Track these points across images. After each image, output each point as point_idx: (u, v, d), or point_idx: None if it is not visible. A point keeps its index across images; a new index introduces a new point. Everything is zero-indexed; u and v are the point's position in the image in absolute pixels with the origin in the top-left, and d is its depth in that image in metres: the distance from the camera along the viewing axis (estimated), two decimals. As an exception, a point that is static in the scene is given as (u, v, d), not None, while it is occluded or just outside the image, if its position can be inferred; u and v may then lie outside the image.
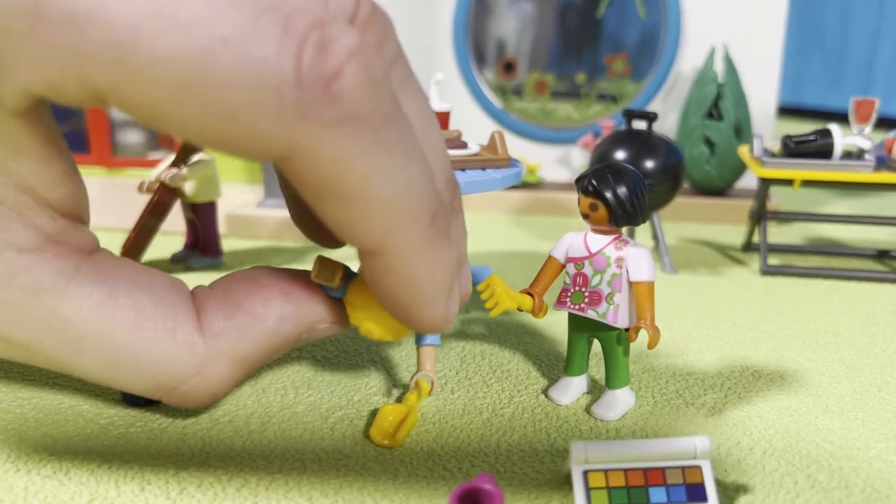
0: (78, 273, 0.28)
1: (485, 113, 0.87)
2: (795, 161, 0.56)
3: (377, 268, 0.26)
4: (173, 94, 0.22)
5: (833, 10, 1.91)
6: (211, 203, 0.57)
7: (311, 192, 0.24)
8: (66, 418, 0.34)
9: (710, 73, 0.77)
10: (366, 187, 0.24)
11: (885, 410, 0.36)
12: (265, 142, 0.23)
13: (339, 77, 0.22)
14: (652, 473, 0.28)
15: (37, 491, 0.28)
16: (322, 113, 0.22)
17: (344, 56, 0.22)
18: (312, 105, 0.22)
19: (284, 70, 0.22)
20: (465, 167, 0.46)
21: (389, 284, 0.27)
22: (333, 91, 0.22)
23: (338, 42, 0.22)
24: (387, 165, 0.24)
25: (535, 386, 0.38)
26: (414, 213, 0.25)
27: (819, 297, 0.53)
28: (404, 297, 0.28)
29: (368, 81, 0.23)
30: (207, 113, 0.22)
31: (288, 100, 0.22)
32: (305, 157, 0.23)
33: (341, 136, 0.23)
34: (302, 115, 0.22)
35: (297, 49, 0.22)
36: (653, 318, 0.32)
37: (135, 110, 0.23)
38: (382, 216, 0.25)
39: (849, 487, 0.30)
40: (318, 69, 0.22)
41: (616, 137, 0.57)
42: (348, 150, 0.23)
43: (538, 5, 0.87)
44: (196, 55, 0.21)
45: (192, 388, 0.30)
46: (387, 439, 0.32)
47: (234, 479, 0.29)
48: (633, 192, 0.33)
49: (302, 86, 0.22)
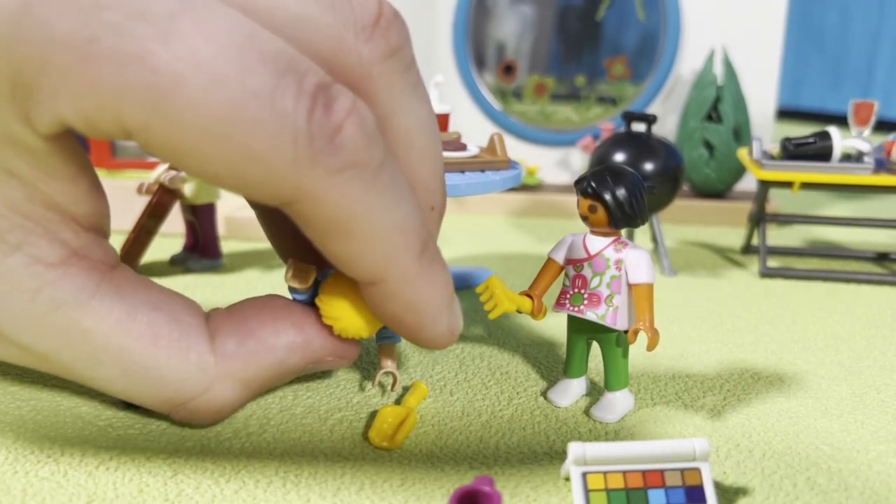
0: (99, 289, 0.29)
1: (484, 115, 0.87)
2: (794, 163, 0.56)
3: (380, 296, 0.29)
4: (202, 138, 0.24)
5: (833, 12, 1.91)
6: (210, 205, 0.57)
7: (316, 231, 0.27)
8: (64, 420, 0.34)
9: (709, 76, 0.77)
10: (366, 223, 0.27)
11: (884, 413, 0.36)
12: (278, 186, 0.25)
13: (341, 131, 0.25)
14: (651, 475, 0.28)
15: (35, 493, 0.28)
16: (328, 161, 0.25)
17: (344, 113, 0.25)
18: (320, 154, 0.25)
19: (299, 123, 0.24)
20: (464, 169, 0.46)
21: (394, 310, 0.29)
22: (336, 143, 0.25)
23: (339, 101, 0.25)
24: (384, 203, 0.27)
25: (534, 388, 0.38)
26: (408, 242, 0.28)
27: (818, 300, 0.53)
28: (409, 320, 0.30)
29: (364, 133, 0.26)
30: (231, 157, 0.24)
31: (302, 149, 0.24)
32: (313, 199, 0.26)
33: (344, 180, 0.25)
34: (312, 162, 0.25)
35: (309, 105, 0.24)
36: (652, 320, 0.32)
37: (160, 149, 0.25)
38: (382, 248, 0.27)
39: (848, 490, 0.30)
40: (325, 123, 0.25)
41: (615, 140, 0.57)
42: (350, 192, 0.26)
43: (538, 8, 0.87)
44: (229, 105, 0.23)
45: (200, 405, 0.31)
46: (385, 441, 0.32)
47: (232, 480, 0.29)
48: (632, 194, 0.33)
49: (312, 137, 0.25)
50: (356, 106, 0.26)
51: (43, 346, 0.29)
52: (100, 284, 0.29)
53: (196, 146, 0.24)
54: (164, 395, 0.31)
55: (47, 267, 0.28)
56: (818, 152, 0.56)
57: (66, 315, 0.28)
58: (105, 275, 0.29)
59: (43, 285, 0.28)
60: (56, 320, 0.28)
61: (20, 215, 0.27)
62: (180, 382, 0.30)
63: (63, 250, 0.28)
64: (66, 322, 0.28)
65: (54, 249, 0.28)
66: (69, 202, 0.28)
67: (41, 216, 0.27)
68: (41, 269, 0.27)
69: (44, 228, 0.27)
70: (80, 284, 0.28)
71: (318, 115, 0.25)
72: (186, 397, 0.31)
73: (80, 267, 0.28)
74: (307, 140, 0.24)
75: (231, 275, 0.57)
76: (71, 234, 0.28)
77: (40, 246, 0.27)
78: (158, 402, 0.31)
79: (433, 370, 0.40)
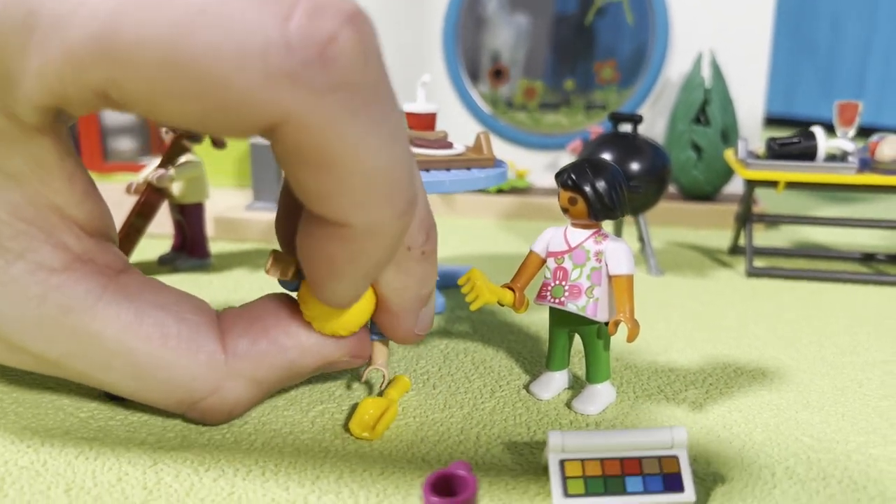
0: (106, 292, 0.29)
1: (475, 119, 0.87)
2: (779, 163, 0.56)
3: (340, 240, 0.26)
4: (162, 73, 0.21)
5: (824, 22, 1.93)
6: (199, 204, 0.57)
7: (294, 159, 0.24)
8: (46, 412, 0.34)
9: (697, 79, 0.77)
10: (350, 157, 0.23)
11: (865, 406, 0.36)
12: (255, 111, 0.22)
13: (334, 41, 0.22)
14: (628, 463, 0.28)
15: (13, 481, 0.28)
16: (314, 78, 0.22)
17: (340, 20, 0.22)
18: (304, 69, 0.22)
19: (270, 34, 0.21)
20: (450, 167, 0.46)
21: (342, 261, 0.27)
22: (327, 55, 0.22)
23: (333, 7, 0.22)
24: (373, 138, 0.24)
25: (517, 381, 0.38)
26: (391, 193, 0.25)
27: (804, 299, 0.53)
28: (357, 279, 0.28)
29: (363, 48, 0.22)
30: (198, 88, 0.22)
31: (276, 64, 0.21)
32: (294, 124, 0.22)
33: (333, 103, 0.22)
34: (292, 80, 0.22)
35: (284, 13, 0.21)
36: (632, 311, 0.33)
37: (135, 102, 0.23)
38: (361, 188, 0.24)
39: (826, 479, 0.30)
40: (310, 32, 0.21)
41: (602, 140, 0.58)
42: (338, 119, 0.23)
43: (527, 13, 0.88)
44: (175, 29, 0.21)
45: (212, 404, 0.31)
46: (366, 431, 0.32)
47: (212, 469, 0.29)
48: (611, 186, 0.33)
49: (292, 49, 0.21)
50: (357, 13, 0.22)
51: (54, 352, 0.29)
52: (106, 288, 0.29)
53: (159, 84, 0.22)
54: (176, 395, 0.30)
55: (51, 272, 0.27)
56: (803, 152, 0.56)
57: (75, 320, 0.28)
58: (111, 278, 0.29)
59: (49, 291, 0.27)
60: (65, 325, 0.28)
61: (22, 221, 0.26)
62: (191, 382, 0.30)
63: (66, 255, 0.28)
64: (75, 327, 0.28)
65: (57, 254, 0.27)
66: (69, 204, 0.28)
67: (43, 221, 0.27)
68: (45, 274, 0.27)
69: (46, 234, 0.27)
70: (86, 289, 0.28)
71: (300, 22, 0.21)
72: (197, 397, 0.30)
73: (85, 271, 0.28)
74: (283, 52, 0.21)
75: (219, 274, 0.57)
76: (73, 238, 0.28)
77: (43, 252, 0.27)
78: (171, 402, 0.31)
79: (417, 364, 0.40)
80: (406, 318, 0.31)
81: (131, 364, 0.29)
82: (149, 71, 0.22)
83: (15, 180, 0.26)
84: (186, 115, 0.23)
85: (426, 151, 0.46)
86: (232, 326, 0.31)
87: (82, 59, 0.22)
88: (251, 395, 0.31)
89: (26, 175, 0.26)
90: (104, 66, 0.22)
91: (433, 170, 0.45)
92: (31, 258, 0.27)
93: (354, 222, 0.25)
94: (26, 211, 0.26)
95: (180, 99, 0.22)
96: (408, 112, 0.50)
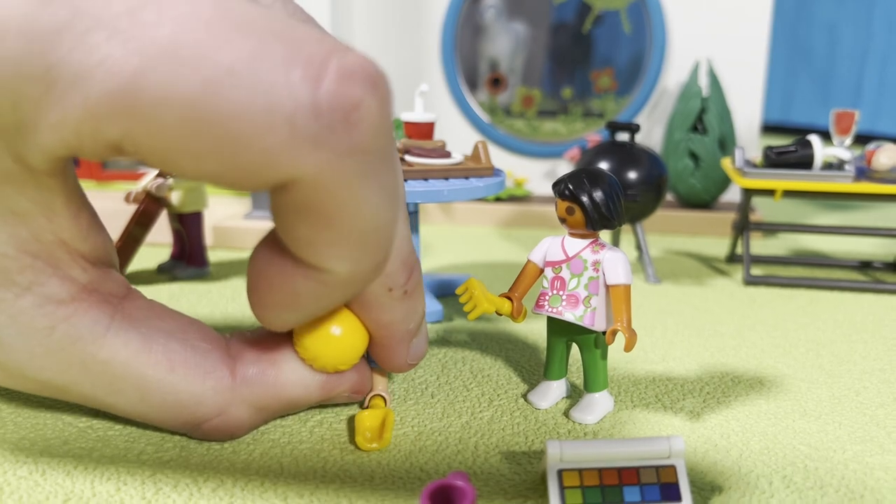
0: (114, 322, 0.29)
1: (473, 128, 0.87)
2: (776, 172, 0.57)
3: (311, 281, 0.27)
4: (183, 131, 0.21)
5: (821, 31, 1.94)
6: (197, 213, 0.57)
7: (297, 214, 0.24)
8: (44, 422, 0.34)
9: (694, 88, 0.78)
10: (353, 216, 0.24)
11: (862, 414, 0.36)
12: (273, 170, 0.22)
13: (360, 107, 0.22)
14: (626, 473, 0.28)
15: (11, 491, 0.28)
16: (338, 141, 0.22)
17: (368, 86, 0.22)
18: (329, 133, 0.22)
19: (299, 97, 0.21)
20: (448, 176, 0.46)
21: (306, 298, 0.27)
22: (352, 120, 0.22)
23: (361, 72, 0.22)
24: (377, 199, 0.24)
25: (515, 390, 0.38)
26: (377, 248, 0.26)
27: (801, 307, 0.54)
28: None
29: (383, 113, 0.22)
30: (219, 147, 0.21)
31: (303, 127, 0.21)
32: (309, 183, 0.22)
33: (350, 165, 0.22)
34: (317, 142, 0.22)
35: (314, 76, 0.21)
36: (629, 320, 0.33)
37: (150, 155, 0.23)
38: (354, 243, 0.25)
39: (823, 488, 0.30)
40: (339, 98, 0.21)
41: (599, 149, 0.58)
42: (352, 180, 0.23)
43: (525, 22, 0.88)
44: (202, 89, 0.21)
45: (216, 426, 0.31)
46: (374, 442, 0.32)
47: (210, 479, 0.29)
48: (608, 196, 0.33)
49: (320, 113, 0.21)
50: (381, 79, 0.22)
51: (62, 379, 0.29)
52: (113, 317, 0.29)
53: (181, 143, 0.22)
54: (182, 418, 0.31)
55: (59, 305, 0.27)
56: (800, 161, 0.57)
57: (83, 349, 0.28)
58: (117, 307, 0.29)
59: (57, 323, 0.28)
60: (73, 355, 0.28)
61: (29, 255, 0.26)
62: (197, 406, 0.30)
63: (73, 287, 0.28)
64: (84, 356, 0.28)
65: (64, 287, 0.28)
66: (74, 239, 0.28)
67: (49, 255, 0.27)
68: (53, 307, 0.27)
69: (53, 268, 0.27)
70: (94, 319, 0.28)
71: (329, 88, 0.21)
72: (203, 419, 0.31)
73: (92, 301, 0.28)
74: (310, 116, 0.21)
75: (217, 283, 0.57)
76: (79, 270, 0.28)
77: (51, 285, 0.27)
78: (176, 424, 0.31)
79: (415, 374, 0.40)
80: (397, 350, 0.33)
81: (139, 389, 0.30)
82: (170, 128, 0.21)
83: (22, 218, 0.26)
84: (202, 171, 0.23)
85: (424, 161, 0.46)
86: (243, 353, 0.32)
87: (102, 114, 0.22)
88: (253, 420, 0.32)
89: (33, 213, 0.26)
90: (123, 122, 0.22)
91: (431, 179, 0.46)
92: (39, 291, 0.27)
93: (336, 270, 0.26)
94: (32, 246, 0.26)
95: (199, 156, 0.22)
96: (406, 121, 0.50)
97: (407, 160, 0.47)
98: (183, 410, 0.30)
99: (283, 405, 0.32)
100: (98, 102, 0.21)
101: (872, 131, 1.77)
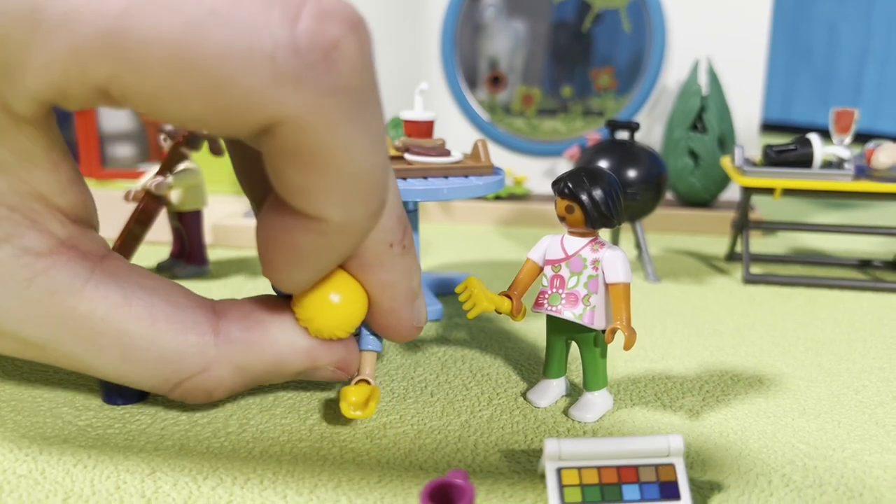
0: (93, 275, 0.29)
1: (472, 126, 0.87)
2: (776, 170, 0.57)
3: (309, 232, 0.27)
4: (169, 72, 0.22)
5: (821, 29, 1.93)
6: (197, 212, 0.57)
7: (285, 158, 0.25)
8: (44, 420, 0.34)
9: (693, 86, 0.78)
10: (342, 158, 0.24)
11: (861, 413, 0.36)
12: (257, 111, 0.23)
13: (339, 46, 0.23)
14: (625, 471, 0.28)
15: (11, 490, 0.28)
16: (318, 80, 0.23)
17: (345, 26, 0.23)
18: (309, 71, 0.22)
19: (278, 36, 0.22)
20: (448, 174, 0.46)
21: (308, 252, 0.28)
22: (331, 59, 0.22)
23: (338, 12, 0.23)
24: (363, 141, 0.25)
25: (515, 389, 0.38)
26: (369, 193, 0.26)
27: (800, 306, 0.54)
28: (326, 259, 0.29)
29: (363, 54, 0.23)
30: (204, 88, 0.22)
31: (283, 65, 0.22)
32: (293, 124, 0.23)
33: (333, 105, 0.23)
34: (297, 81, 0.22)
35: (292, 15, 0.22)
36: (629, 319, 0.33)
37: (137, 100, 0.23)
38: (346, 187, 0.25)
39: (822, 486, 0.30)
40: (317, 36, 0.22)
41: (599, 148, 0.58)
42: (336, 121, 0.23)
43: (525, 20, 0.88)
44: (186, 29, 0.21)
45: (195, 385, 0.31)
46: (359, 410, 0.32)
47: (210, 478, 0.29)
48: (608, 195, 0.33)
49: (299, 52, 0.22)
50: (360, 22, 0.23)
51: (42, 335, 0.29)
52: (93, 271, 0.29)
53: (167, 85, 0.22)
54: (163, 374, 0.30)
55: (37, 256, 0.27)
56: (799, 159, 0.57)
57: (62, 302, 0.28)
58: (97, 263, 0.29)
59: (35, 274, 0.28)
60: (53, 308, 0.28)
61: (6, 207, 0.27)
62: (179, 362, 0.30)
63: (51, 240, 0.28)
64: (63, 309, 0.28)
65: (43, 240, 0.28)
66: (53, 193, 0.28)
67: (27, 208, 0.27)
68: (31, 258, 0.27)
69: (30, 220, 0.27)
70: (73, 272, 0.28)
71: (307, 25, 0.22)
72: (184, 376, 0.31)
73: (70, 256, 0.28)
74: (290, 54, 0.22)
75: (217, 281, 0.57)
76: (58, 224, 0.28)
77: (28, 237, 0.27)
78: (157, 381, 0.31)
79: (415, 372, 0.40)
80: (403, 312, 0.32)
81: (120, 345, 0.29)
82: (156, 69, 0.22)
83: (0, 169, 0.26)
84: (188, 114, 0.23)
85: (424, 159, 0.46)
86: (228, 312, 0.32)
87: (89, 55, 0.22)
88: (234, 381, 0.32)
89: (11, 164, 0.26)
90: (110, 64, 0.22)
91: (431, 177, 0.46)
92: (17, 243, 0.27)
93: (331, 218, 0.26)
94: (10, 198, 0.26)
95: (184, 98, 0.23)
96: (406, 120, 0.50)
97: (406, 158, 0.47)
98: (165, 366, 0.30)
99: (266, 368, 0.32)
100: (85, 43, 0.22)
101: (872, 130, 1.77)
